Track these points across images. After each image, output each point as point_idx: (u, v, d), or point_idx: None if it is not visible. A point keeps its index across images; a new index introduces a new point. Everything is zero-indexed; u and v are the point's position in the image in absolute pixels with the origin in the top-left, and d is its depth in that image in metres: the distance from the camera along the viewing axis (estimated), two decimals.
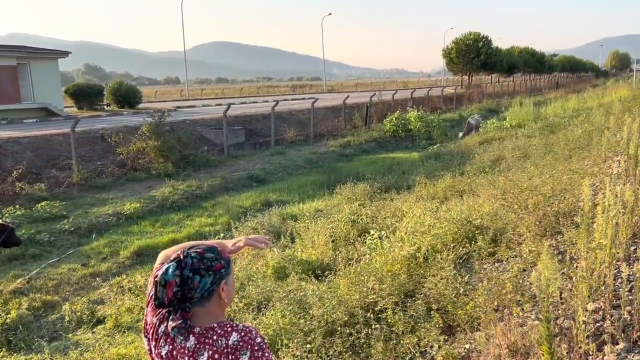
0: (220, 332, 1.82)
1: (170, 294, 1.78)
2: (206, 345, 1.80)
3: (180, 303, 1.81)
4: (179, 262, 1.82)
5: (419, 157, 15.79)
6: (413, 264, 5.65)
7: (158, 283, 1.79)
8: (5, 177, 12.03)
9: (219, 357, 1.78)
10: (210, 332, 1.82)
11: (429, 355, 4.00)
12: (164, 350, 1.84)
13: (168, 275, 1.79)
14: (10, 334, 5.90)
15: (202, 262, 1.84)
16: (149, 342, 1.91)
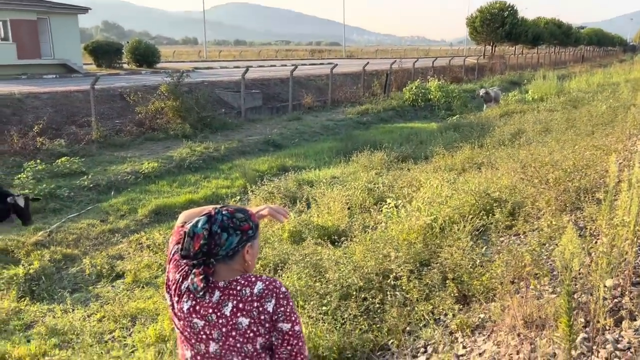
0: (244, 283, 1.86)
1: (196, 246, 1.81)
2: (230, 296, 1.84)
3: (204, 257, 1.84)
4: (209, 217, 1.86)
5: (437, 128, 15.62)
6: (429, 233, 5.67)
7: (187, 234, 1.83)
8: (27, 132, 12.15)
9: (244, 306, 1.82)
10: (234, 283, 1.86)
11: (443, 323, 4.05)
12: (186, 305, 1.88)
13: (197, 228, 1.83)
14: (34, 284, 6.08)
15: (231, 221, 1.87)
16: (170, 298, 1.95)
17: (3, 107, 13.64)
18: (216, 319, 1.84)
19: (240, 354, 1.84)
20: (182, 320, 1.89)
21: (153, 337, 4.57)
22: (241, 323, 1.82)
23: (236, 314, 1.82)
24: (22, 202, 7.37)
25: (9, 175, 10.11)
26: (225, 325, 1.83)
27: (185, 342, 1.93)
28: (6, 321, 5.26)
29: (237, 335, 1.83)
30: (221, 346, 1.84)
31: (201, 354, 1.87)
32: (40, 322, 5.21)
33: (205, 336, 1.85)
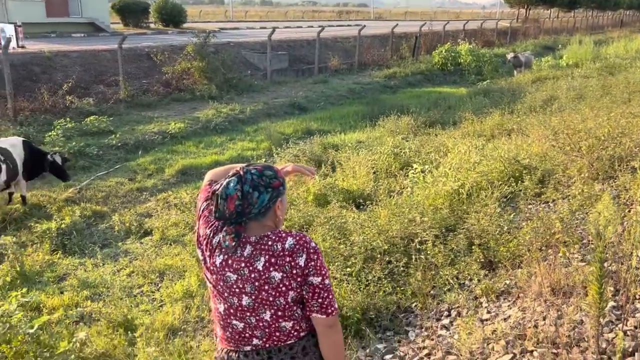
0: (275, 238, 1.88)
1: (231, 207, 1.83)
2: (262, 251, 1.86)
3: (238, 217, 1.86)
4: (239, 177, 1.87)
5: (466, 93, 15.29)
6: (456, 199, 5.61)
7: (219, 196, 1.84)
8: (56, 90, 12.30)
9: (276, 261, 1.85)
10: (265, 238, 1.88)
11: (468, 288, 4.04)
12: (219, 259, 1.91)
13: (229, 189, 1.84)
14: (65, 239, 6.26)
15: (261, 179, 1.88)
16: (202, 253, 1.98)
17: (33, 65, 13.80)
18: (249, 273, 1.86)
19: (273, 307, 1.88)
20: (215, 274, 1.92)
21: (180, 292, 4.68)
22: (274, 277, 1.85)
23: (269, 269, 1.85)
24: (60, 160, 7.54)
25: (40, 132, 10.30)
26: (258, 279, 1.86)
27: (218, 296, 1.96)
28: (40, 273, 5.45)
29: (270, 289, 1.86)
30: (254, 300, 1.88)
31: (234, 307, 1.91)
32: (72, 275, 5.38)
33: (238, 290, 1.89)
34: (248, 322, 1.91)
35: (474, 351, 3.06)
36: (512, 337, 3.10)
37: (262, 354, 1.92)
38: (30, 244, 6.13)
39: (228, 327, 1.95)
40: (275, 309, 1.88)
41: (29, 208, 7.41)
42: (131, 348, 3.84)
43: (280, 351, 1.92)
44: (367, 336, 3.65)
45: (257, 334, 1.91)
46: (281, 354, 1.92)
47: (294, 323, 1.92)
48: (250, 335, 1.92)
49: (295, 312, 1.92)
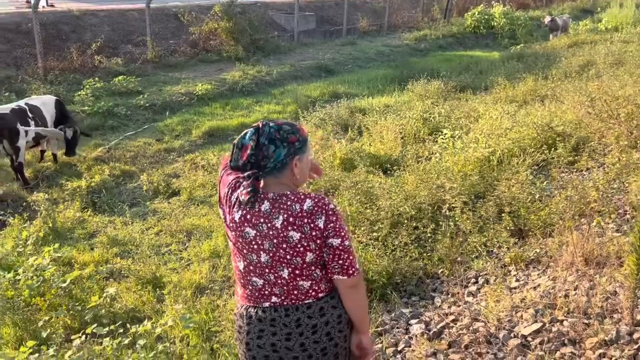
0: (293, 199, 1.87)
1: (244, 156, 1.84)
2: (281, 210, 1.86)
3: (253, 168, 1.86)
4: (257, 128, 1.88)
5: (499, 57, 14.80)
6: (486, 166, 5.49)
7: (235, 145, 1.87)
8: (85, 50, 12.34)
9: (294, 221, 1.84)
10: (284, 197, 1.88)
11: (496, 256, 3.98)
12: (237, 215, 1.91)
13: (245, 139, 1.87)
14: (95, 197, 6.37)
15: (278, 133, 1.87)
16: (223, 212, 2.00)
17: (62, 24, 13.83)
18: (267, 230, 1.87)
19: (290, 265, 1.89)
20: (234, 230, 1.93)
21: (207, 252, 4.74)
22: (292, 237, 1.85)
23: (287, 228, 1.85)
24: (70, 134, 7.51)
25: (70, 91, 10.39)
26: (277, 237, 1.86)
27: (238, 254, 1.98)
28: (71, 229, 5.58)
29: (288, 248, 1.86)
30: (272, 257, 1.89)
31: (253, 264, 1.92)
32: (102, 232, 5.49)
33: (256, 246, 1.90)
34: (267, 278, 1.92)
35: (502, 319, 3.03)
36: (541, 306, 3.05)
37: (280, 310, 1.93)
38: (61, 201, 6.26)
39: (248, 284, 1.97)
40: (293, 267, 1.89)
41: (60, 166, 7.55)
42: (159, 305, 3.92)
43: (297, 309, 1.93)
44: (392, 300, 3.65)
45: (275, 291, 1.93)
46: (298, 312, 1.93)
47: (312, 283, 1.93)
48: (269, 293, 1.94)
49: (313, 272, 1.92)
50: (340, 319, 1.97)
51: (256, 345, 1.95)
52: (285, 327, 1.92)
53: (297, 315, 1.92)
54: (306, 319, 1.92)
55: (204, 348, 3.27)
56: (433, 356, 2.88)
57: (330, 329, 1.95)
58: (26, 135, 6.79)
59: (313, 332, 1.92)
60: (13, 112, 6.71)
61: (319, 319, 1.93)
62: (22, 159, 6.83)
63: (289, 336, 1.92)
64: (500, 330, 2.92)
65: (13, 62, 11.50)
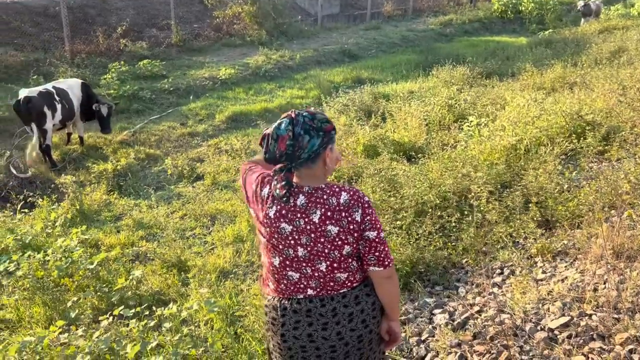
0: (329, 192, 1.86)
1: (282, 147, 1.80)
2: (317, 204, 1.84)
3: (288, 160, 1.83)
4: (291, 119, 1.83)
5: (527, 43, 14.48)
6: (513, 155, 5.40)
7: (270, 137, 1.82)
8: (110, 34, 12.44)
9: (332, 215, 1.83)
10: (320, 191, 1.86)
11: (522, 247, 3.92)
12: (272, 211, 1.89)
13: (281, 130, 1.81)
14: (121, 180, 6.46)
15: (313, 122, 1.84)
16: (255, 210, 1.97)
17: (89, 7, 13.94)
18: (304, 225, 1.86)
19: (328, 259, 1.88)
20: (269, 227, 1.90)
21: (231, 237, 4.77)
22: (330, 231, 1.84)
23: (325, 222, 1.84)
24: (105, 111, 7.63)
25: (96, 75, 10.50)
26: (314, 232, 1.85)
27: (272, 250, 1.95)
28: (98, 212, 5.67)
29: (326, 242, 1.86)
30: (309, 251, 1.88)
31: (290, 258, 1.91)
32: (128, 215, 5.56)
33: (293, 241, 1.88)
34: (304, 272, 1.92)
35: (528, 311, 2.99)
36: (569, 299, 3.00)
37: (315, 301, 1.93)
38: (88, 184, 6.37)
39: (283, 279, 1.95)
40: (331, 260, 1.88)
41: (86, 149, 7.66)
42: (184, 288, 3.97)
43: (332, 299, 1.93)
44: (415, 290, 3.63)
45: (311, 284, 1.92)
46: (334, 302, 1.93)
47: (349, 274, 1.93)
48: (305, 286, 1.93)
49: (350, 264, 1.92)
50: (375, 305, 1.99)
51: (292, 336, 1.95)
52: (321, 317, 1.92)
53: (333, 305, 1.92)
54: (342, 307, 1.92)
55: (228, 332, 3.31)
56: (457, 347, 2.86)
57: (365, 317, 1.96)
58: (53, 118, 6.89)
59: (349, 321, 1.93)
60: (40, 95, 6.81)
61: (354, 307, 1.94)
62: (49, 142, 6.95)
63: (326, 326, 1.92)
64: (526, 323, 2.88)
65: (41, 46, 11.65)
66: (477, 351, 2.77)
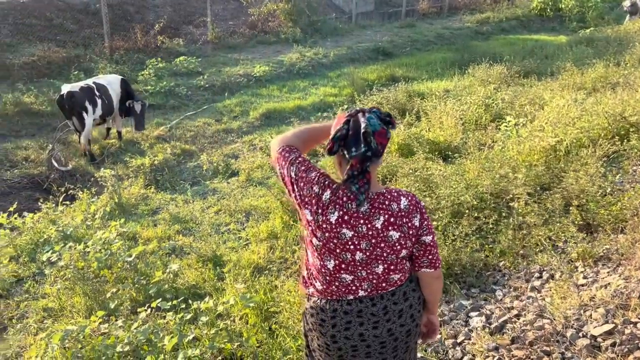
0: (390, 197, 1.85)
1: (384, 141, 1.77)
2: (380, 210, 1.84)
3: (375, 156, 1.77)
4: (369, 114, 1.79)
5: (567, 41, 14.11)
6: (552, 156, 5.27)
7: (366, 134, 1.74)
8: (148, 30, 12.67)
9: (395, 220, 1.83)
10: (381, 197, 1.84)
11: (562, 250, 3.83)
12: (334, 216, 1.84)
13: (374, 125, 1.77)
14: (158, 174, 6.58)
15: (386, 117, 1.82)
16: (312, 212, 1.88)
17: (128, 5, 14.23)
18: (366, 230, 1.84)
19: (386, 262, 1.89)
20: (328, 232, 1.86)
21: (265, 233, 4.80)
22: (392, 236, 1.85)
23: (387, 227, 1.84)
24: (139, 108, 7.77)
25: (134, 71, 10.73)
26: (376, 237, 1.84)
27: (327, 253, 1.90)
28: (135, 205, 5.79)
29: (386, 247, 1.86)
30: (368, 255, 1.87)
31: (346, 262, 1.89)
32: (165, 209, 5.66)
33: (352, 246, 1.86)
34: (358, 275, 1.90)
35: (569, 317, 2.92)
36: (612, 306, 2.92)
37: (365, 301, 1.92)
38: (126, 178, 6.51)
39: (335, 281, 1.92)
40: (388, 263, 1.89)
41: (124, 143, 7.83)
42: (220, 283, 4.02)
43: (382, 298, 1.93)
44: (451, 291, 3.59)
45: (364, 286, 1.91)
46: (384, 300, 1.93)
47: (401, 275, 1.95)
48: (357, 287, 1.92)
49: (405, 265, 1.95)
50: (420, 300, 2.02)
51: (343, 337, 1.94)
52: (373, 316, 1.92)
53: (384, 304, 1.92)
54: (392, 305, 1.93)
55: (262, 327, 3.34)
56: (495, 350, 2.81)
57: (413, 311, 1.99)
58: (94, 112, 7.07)
59: (399, 317, 1.95)
60: (82, 90, 6.99)
61: (403, 304, 1.95)
62: (89, 136, 7.13)
63: (377, 324, 1.92)
64: (567, 329, 2.82)
65: (82, 42, 11.96)
66: (515, 356, 2.72)
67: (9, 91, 8.89)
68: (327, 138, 1.90)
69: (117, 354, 3.03)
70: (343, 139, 1.81)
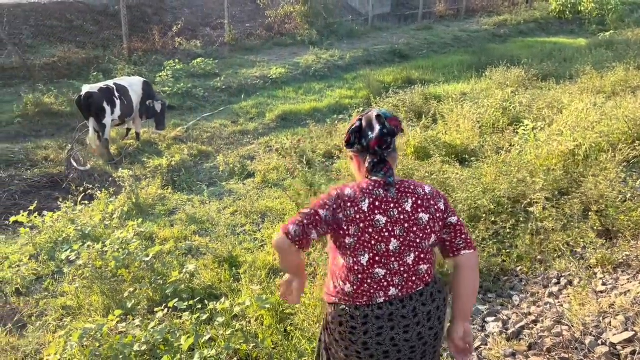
0: (414, 184, 2.00)
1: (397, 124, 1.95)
2: (408, 194, 1.95)
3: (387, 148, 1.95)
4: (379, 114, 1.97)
5: (586, 44, 13.96)
6: (571, 161, 5.22)
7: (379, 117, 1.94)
8: (166, 32, 12.80)
9: (422, 203, 1.95)
10: (405, 183, 1.98)
11: (580, 256, 3.79)
12: (365, 203, 1.91)
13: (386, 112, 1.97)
14: (175, 175, 6.64)
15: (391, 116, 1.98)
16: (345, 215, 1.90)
17: (146, 6, 14.39)
18: (398, 215, 1.92)
19: (417, 249, 1.93)
20: (363, 222, 1.90)
21: None
22: (422, 219, 1.93)
23: (417, 210, 1.93)
24: (159, 107, 7.85)
25: (152, 72, 10.84)
26: (408, 221, 1.92)
27: (362, 247, 1.91)
28: (152, 206, 5.84)
29: (418, 231, 1.92)
30: (402, 242, 1.91)
31: (380, 254, 1.91)
32: (181, 209, 5.71)
33: (387, 233, 1.91)
34: (391, 267, 1.92)
35: (588, 324, 2.88)
36: (632, 314, 2.88)
37: (396, 303, 1.92)
38: (143, 178, 6.57)
39: (367, 278, 1.92)
40: (420, 251, 1.93)
41: (142, 144, 7.91)
42: (235, 284, 4.03)
43: (411, 299, 1.94)
44: None
45: (395, 281, 1.92)
46: (413, 301, 1.94)
47: (428, 267, 1.97)
48: (388, 284, 1.92)
49: (432, 255, 1.99)
50: (445, 302, 2.03)
51: (375, 342, 1.94)
52: (403, 319, 1.93)
53: (413, 305, 1.94)
54: (421, 306, 1.95)
55: (278, 329, 3.35)
56: (512, 357, 2.79)
57: (440, 313, 2.00)
58: (112, 113, 7.15)
59: (428, 319, 1.96)
60: (101, 91, 7.08)
61: (431, 305, 1.97)
62: (107, 136, 7.21)
63: (407, 328, 1.94)
64: (586, 336, 2.78)
65: (101, 44, 12.13)
66: None
67: (30, 92, 9.03)
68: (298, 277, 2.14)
69: (134, 353, 3.06)
70: (358, 131, 1.97)
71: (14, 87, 9.78)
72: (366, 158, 1.96)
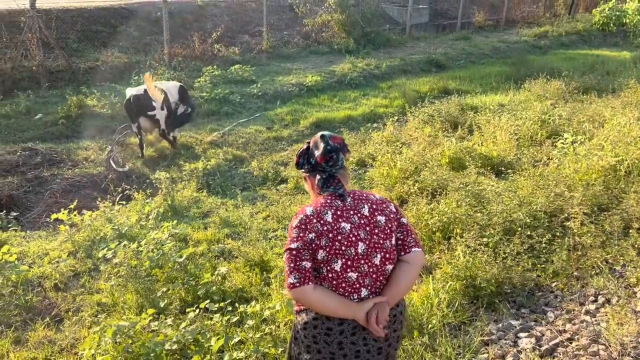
0: (365, 193, 2.20)
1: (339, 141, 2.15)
2: (362, 201, 2.15)
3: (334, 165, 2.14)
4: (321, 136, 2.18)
5: (630, 58, 13.58)
6: (611, 176, 5.09)
7: (323, 137, 2.15)
8: (206, 39, 13.04)
9: (377, 207, 2.15)
10: (357, 193, 2.18)
11: (619, 274, 3.67)
12: (329, 215, 2.08)
13: (330, 133, 2.18)
14: (210, 179, 6.74)
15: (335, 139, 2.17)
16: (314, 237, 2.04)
17: (187, 13, 14.71)
18: (359, 219, 2.09)
19: (382, 250, 2.09)
20: (330, 232, 2.04)
21: None
22: (380, 221, 2.11)
23: (374, 213, 2.12)
24: (180, 110, 7.99)
25: (190, 77, 11.05)
26: (368, 224, 2.09)
27: (334, 255, 2.03)
28: (187, 208, 5.95)
29: (379, 232, 2.09)
30: (367, 244, 2.06)
31: (351, 258, 2.04)
32: (215, 212, 5.79)
33: (354, 237, 2.05)
34: (361, 270, 2.06)
35: (626, 344, 2.79)
36: None
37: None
38: (179, 181, 6.70)
39: (342, 282, 2.05)
40: (384, 251, 2.09)
41: (179, 148, 8.06)
42: (266, 288, 4.07)
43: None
44: (500, 310, 3.50)
45: (366, 282, 2.07)
46: None
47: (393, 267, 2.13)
48: (360, 285, 2.06)
49: (395, 256, 2.13)
50: (405, 307, 2.24)
51: (350, 342, 2.07)
52: None
53: None
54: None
55: None
56: None
57: (402, 318, 2.20)
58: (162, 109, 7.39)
59: (393, 322, 2.13)
60: (146, 93, 7.29)
61: (396, 309, 2.15)
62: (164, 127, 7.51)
63: None
64: (624, 357, 2.69)
65: (143, 48, 12.44)
66: None
67: (74, 94, 9.34)
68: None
69: (165, 351, 3.12)
70: (306, 153, 2.20)
71: (60, 89, 10.11)
72: (316, 176, 2.16)
